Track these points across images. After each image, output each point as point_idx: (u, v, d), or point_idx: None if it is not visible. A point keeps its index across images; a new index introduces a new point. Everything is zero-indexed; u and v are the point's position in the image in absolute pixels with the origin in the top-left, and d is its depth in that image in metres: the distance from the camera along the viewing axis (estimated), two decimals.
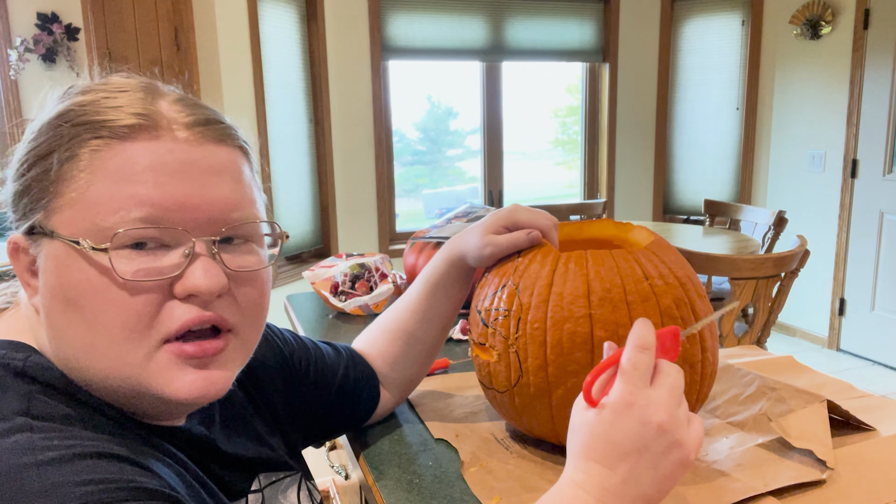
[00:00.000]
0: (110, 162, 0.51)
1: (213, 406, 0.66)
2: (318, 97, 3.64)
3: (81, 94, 0.54)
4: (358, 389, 0.86)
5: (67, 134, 0.51)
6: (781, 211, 3.10)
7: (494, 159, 4.19)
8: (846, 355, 3.87)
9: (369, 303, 1.39)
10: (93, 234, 0.50)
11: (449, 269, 0.86)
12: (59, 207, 0.51)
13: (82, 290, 0.50)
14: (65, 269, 0.51)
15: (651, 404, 0.53)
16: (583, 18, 4.11)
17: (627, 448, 0.53)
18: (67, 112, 0.53)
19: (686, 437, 0.54)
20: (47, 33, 3.00)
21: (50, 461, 0.45)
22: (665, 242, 0.81)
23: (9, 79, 3.01)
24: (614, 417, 0.53)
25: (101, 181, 0.50)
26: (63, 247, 0.51)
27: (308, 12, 3.59)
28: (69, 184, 0.51)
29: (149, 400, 0.54)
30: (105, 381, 0.53)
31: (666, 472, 0.53)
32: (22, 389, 0.50)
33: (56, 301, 0.51)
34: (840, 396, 0.89)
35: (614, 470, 0.53)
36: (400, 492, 0.74)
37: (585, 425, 0.55)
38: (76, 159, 0.51)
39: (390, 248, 3.93)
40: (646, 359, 0.55)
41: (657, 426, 0.53)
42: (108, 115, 0.52)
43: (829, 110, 3.84)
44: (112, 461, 0.47)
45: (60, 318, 0.52)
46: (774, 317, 2.27)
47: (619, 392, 0.54)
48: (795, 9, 3.91)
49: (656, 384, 0.55)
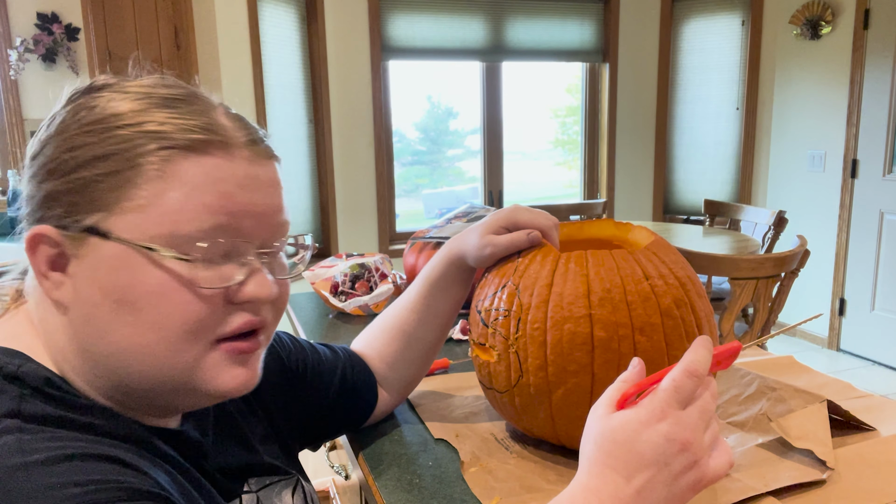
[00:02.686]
0: (183, 172, 0.52)
1: (208, 411, 0.67)
2: (318, 97, 3.64)
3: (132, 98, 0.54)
4: (356, 391, 0.86)
5: (131, 139, 0.52)
6: (781, 211, 3.10)
7: (494, 159, 4.19)
8: (846, 355, 3.87)
9: (369, 303, 1.39)
10: (167, 241, 0.51)
11: (448, 269, 0.86)
12: (123, 211, 0.51)
13: (144, 292, 0.51)
14: (126, 270, 0.51)
15: (680, 422, 0.52)
16: (583, 18, 4.11)
17: (648, 461, 0.52)
18: (124, 115, 0.53)
19: (706, 461, 0.53)
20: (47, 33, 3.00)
21: (38, 462, 0.44)
22: (665, 242, 0.81)
23: (9, 79, 3.01)
24: (642, 428, 0.52)
25: (174, 190, 0.52)
26: (123, 249, 0.51)
27: (308, 12, 3.59)
28: (136, 190, 0.51)
29: (181, 396, 0.56)
30: (140, 379, 0.54)
31: (679, 492, 0.53)
32: (14, 392, 0.50)
33: (107, 300, 0.52)
34: (840, 396, 0.89)
35: (630, 481, 0.52)
36: (400, 492, 0.74)
37: (608, 432, 0.54)
38: (144, 167, 0.52)
39: (390, 248, 3.93)
40: (690, 385, 0.54)
41: (681, 444, 0.52)
42: (176, 125, 0.53)
43: (829, 110, 3.84)
44: (101, 462, 0.47)
45: (108, 317, 0.52)
46: (774, 317, 2.27)
47: (652, 405, 0.53)
48: (795, 9, 3.91)
49: (687, 405, 0.54)
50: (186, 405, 0.59)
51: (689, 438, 0.52)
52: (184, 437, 0.60)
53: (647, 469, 0.52)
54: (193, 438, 0.61)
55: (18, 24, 3.01)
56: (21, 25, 3.01)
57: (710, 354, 0.55)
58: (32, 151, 0.55)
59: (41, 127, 0.56)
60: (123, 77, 0.58)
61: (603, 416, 0.55)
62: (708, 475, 0.53)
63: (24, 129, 3.08)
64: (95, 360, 0.54)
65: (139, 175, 0.51)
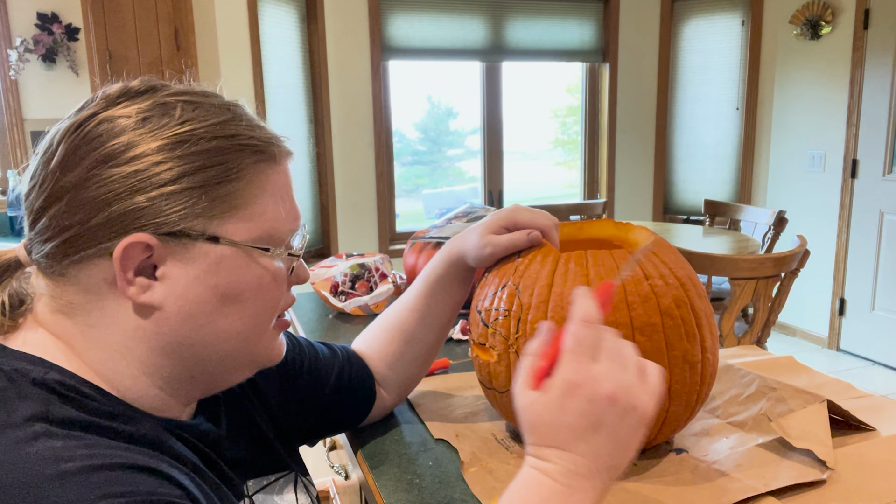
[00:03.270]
0: (270, 181, 0.60)
1: (218, 401, 0.69)
2: (318, 97, 3.64)
3: (219, 111, 0.59)
4: (353, 390, 0.86)
5: (229, 150, 0.58)
6: (781, 211, 3.10)
7: (494, 159, 4.19)
8: (846, 355, 3.87)
9: (369, 303, 1.39)
10: (265, 241, 0.60)
11: (448, 269, 0.86)
12: (229, 218, 0.57)
13: (247, 286, 0.59)
14: (232, 269, 0.58)
15: (596, 378, 0.52)
16: (583, 18, 4.11)
17: (582, 428, 0.52)
18: (218, 127, 0.58)
19: (639, 397, 0.53)
20: (47, 33, 3.01)
21: (71, 472, 0.45)
22: (665, 242, 0.81)
23: (9, 79, 3.01)
24: (562, 400, 0.52)
25: (266, 198, 0.60)
26: (232, 251, 0.58)
27: (308, 12, 3.59)
28: (238, 198, 0.58)
29: (238, 371, 0.64)
30: (220, 360, 0.61)
31: (626, 438, 0.53)
32: (41, 396, 0.51)
33: (213, 296, 0.58)
34: (840, 396, 0.89)
35: (574, 451, 0.52)
36: (400, 492, 0.74)
37: (535, 416, 0.54)
38: (244, 177, 0.58)
39: (390, 248, 3.93)
40: (590, 333, 0.54)
41: (607, 399, 0.52)
42: (258, 138, 0.60)
43: (829, 110, 3.84)
44: (134, 472, 0.48)
45: (211, 309, 0.58)
46: (774, 317, 2.27)
47: (564, 373, 0.53)
48: (795, 9, 3.91)
49: (597, 356, 0.54)
50: (234, 380, 0.65)
51: (611, 390, 0.52)
52: (197, 431, 0.62)
53: (585, 435, 0.52)
54: (207, 430, 0.64)
55: (18, 24, 3.01)
56: (21, 25, 3.01)
57: (592, 301, 0.55)
58: (104, 155, 0.54)
59: (112, 128, 0.55)
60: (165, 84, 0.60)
61: (526, 404, 0.55)
62: (647, 409, 0.53)
63: (24, 129, 3.08)
64: (179, 352, 0.58)
65: (239, 184, 0.58)
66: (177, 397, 0.61)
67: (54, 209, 0.54)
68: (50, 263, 0.56)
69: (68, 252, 0.55)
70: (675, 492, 0.70)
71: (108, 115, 0.55)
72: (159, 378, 0.59)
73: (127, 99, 0.57)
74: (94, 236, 0.54)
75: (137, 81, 0.59)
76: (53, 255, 0.55)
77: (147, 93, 0.57)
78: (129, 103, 0.56)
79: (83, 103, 0.58)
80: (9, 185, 3.03)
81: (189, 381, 0.61)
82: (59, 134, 0.56)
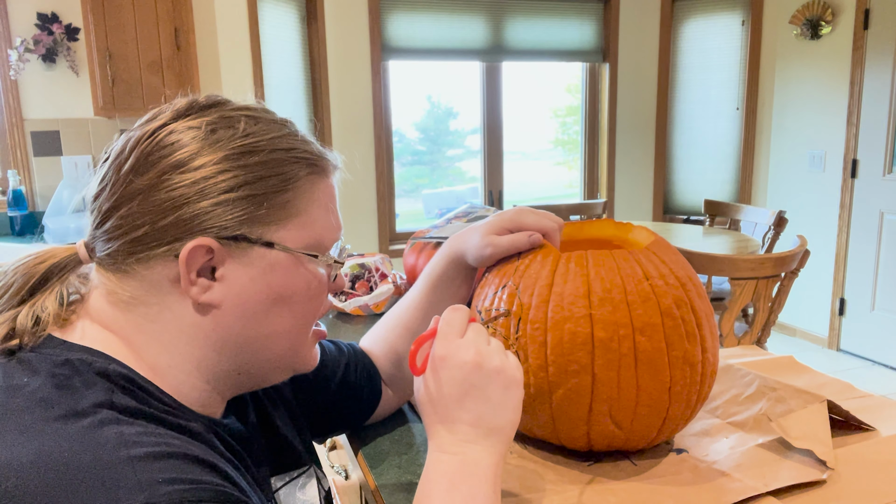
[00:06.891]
0: (320, 193, 0.64)
1: (245, 400, 0.71)
2: (318, 97, 3.64)
3: (277, 126, 0.63)
4: (358, 387, 0.86)
5: (287, 162, 0.61)
6: (781, 211, 3.10)
7: (494, 159, 4.19)
8: (846, 355, 3.87)
9: (369, 303, 1.39)
10: (315, 249, 0.63)
11: (449, 267, 0.86)
12: (284, 225, 0.61)
13: (297, 289, 0.62)
14: (288, 274, 0.61)
15: (460, 348, 0.61)
16: (583, 18, 4.11)
17: (456, 395, 0.60)
18: (274, 140, 0.61)
19: (504, 362, 0.62)
20: (47, 33, 3.00)
21: (140, 457, 0.48)
22: (665, 242, 0.81)
23: (9, 79, 3.01)
24: (435, 374, 0.61)
25: (316, 208, 0.63)
26: (286, 256, 0.61)
27: (308, 13, 3.59)
28: (292, 207, 0.61)
29: (279, 372, 0.66)
30: (268, 358, 0.63)
31: (501, 399, 0.61)
32: (105, 385, 0.54)
33: (267, 298, 0.61)
34: (840, 396, 0.89)
35: (457, 421, 0.60)
36: (400, 492, 0.74)
37: (419, 394, 0.63)
38: (299, 188, 0.61)
39: (390, 248, 3.94)
40: (459, 315, 0.64)
41: (472, 364, 0.60)
42: (311, 152, 0.63)
43: (829, 110, 3.84)
44: (197, 463, 0.50)
45: (264, 309, 0.61)
46: (774, 317, 2.27)
47: (434, 350, 0.62)
48: (795, 9, 3.91)
49: (463, 333, 0.63)
50: (273, 380, 0.68)
51: (473, 356, 0.61)
52: (232, 427, 0.65)
53: (461, 401, 0.61)
54: (239, 428, 0.66)
55: (18, 24, 3.01)
56: (21, 25, 3.01)
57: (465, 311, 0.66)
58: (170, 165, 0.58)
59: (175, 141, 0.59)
60: (228, 100, 0.64)
61: (414, 389, 0.65)
62: (514, 373, 0.62)
63: (24, 129, 3.08)
64: (231, 348, 0.61)
65: (294, 194, 0.61)
66: (221, 392, 0.64)
67: (125, 209, 0.58)
68: (113, 261, 0.59)
69: (134, 250, 0.58)
70: (675, 492, 0.70)
71: (178, 126, 0.59)
72: (208, 371, 0.61)
73: (195, 112, 0.61)
74: (161, 236, 0.57)
75: (203, 97, 0.63)
76: (119, 253, 0.59)
77: (213, 107, 0.61)
78: (197, 116, 0.60)
79: (151, 114, 0.62)
80: (9, 185, 3.03)
81: (234, 377, 0.64)
82: (132, 142, 0.59)
